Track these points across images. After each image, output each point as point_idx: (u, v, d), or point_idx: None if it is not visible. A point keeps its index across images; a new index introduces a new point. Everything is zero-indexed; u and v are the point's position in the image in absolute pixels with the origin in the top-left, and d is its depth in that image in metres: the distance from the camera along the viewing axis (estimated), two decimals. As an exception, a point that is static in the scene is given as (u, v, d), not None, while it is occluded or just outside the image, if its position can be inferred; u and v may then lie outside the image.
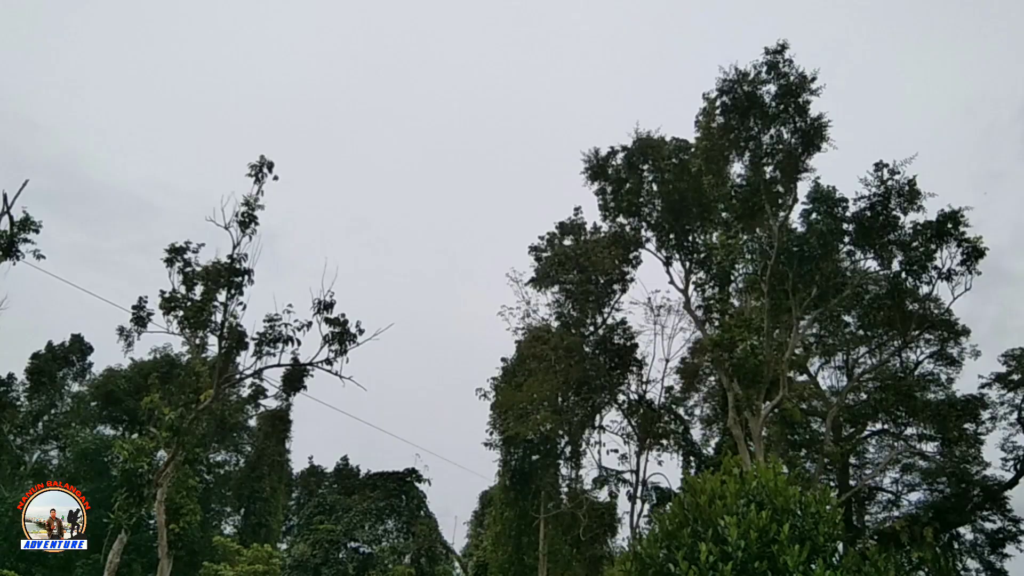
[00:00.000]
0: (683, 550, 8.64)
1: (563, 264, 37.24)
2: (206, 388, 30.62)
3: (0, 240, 27.57)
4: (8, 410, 52.10)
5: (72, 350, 55.99)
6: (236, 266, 27.98)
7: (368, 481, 41.21)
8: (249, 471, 51.15)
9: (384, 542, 39.46)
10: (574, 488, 37.80)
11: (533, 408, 35.01)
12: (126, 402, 48.22)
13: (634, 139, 33.79)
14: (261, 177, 27.75)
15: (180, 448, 29.03)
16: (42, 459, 56.59)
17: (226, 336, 28.66)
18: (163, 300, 30.68)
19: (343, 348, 27.98)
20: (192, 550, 40.93)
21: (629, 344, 38.35)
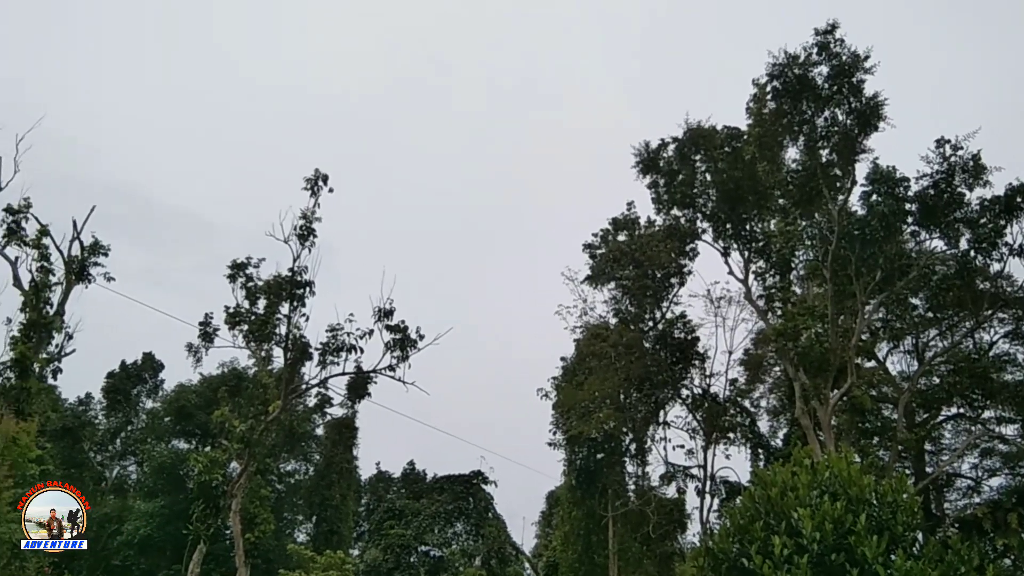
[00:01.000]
0: (756, 544, 8.52)
1: (618, 260, 37.04)
2: (274, 399, 31.28)
3: (72, 265, 28.69)
4: (88, 428, 54.02)
5: (144, 368, 57.79)
6: (297, 278, 28.56)
7: (435, 485, 41.56)
8: (319, 479, 52.05)
9: (454, 545, 39.74)
10: (641, 485, 37.54)
11: (595, 406, 34.86)
12: (197, 416, 49.50)
13: (684, 130, 33.48)
14: (317, 190, 28.30)
15: (252, 459, 29.73)
16: (121, 474, 58.57)
17: (291, 347, 29.27)
18: (228, 315, 31.51)
19: (404, 354, 28.33)
20: (267, 558, 41.84)
21: (690, 338, 37.95)
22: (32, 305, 27.01)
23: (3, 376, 26.59)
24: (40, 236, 27.92)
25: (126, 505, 51.06)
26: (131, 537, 46.85)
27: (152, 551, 46.94)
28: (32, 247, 27.78)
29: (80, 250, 28.79)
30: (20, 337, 26.64)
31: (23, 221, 27.72)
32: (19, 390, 26.03)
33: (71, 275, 28.47)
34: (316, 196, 28.41)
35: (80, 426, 52.04)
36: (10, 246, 27.50)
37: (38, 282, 27.58)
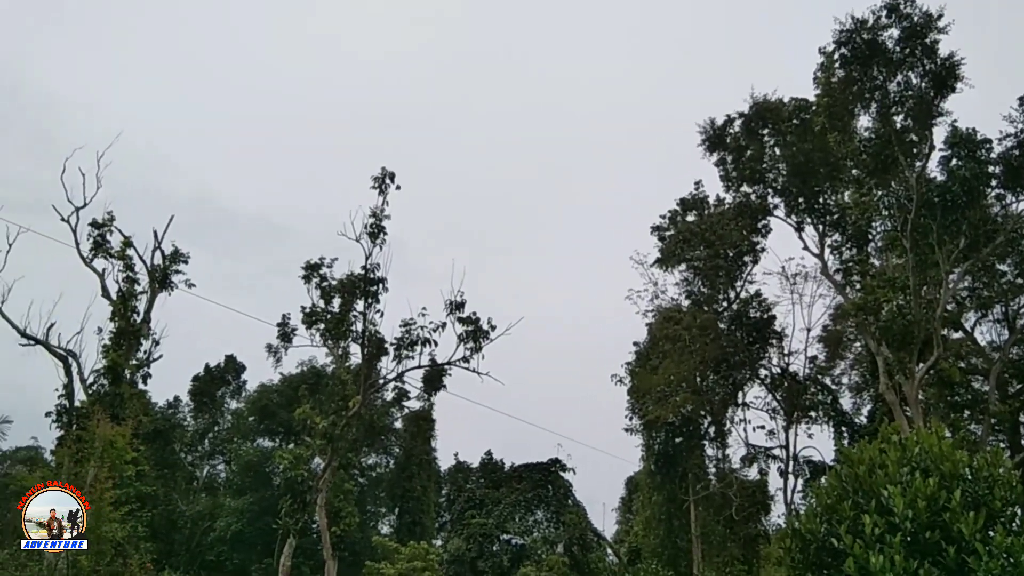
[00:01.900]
0: (846, 523, 8.30)
1: (688, 241, 36.53)
2: (353, 395, 31.89)
3: (155, 273, 29.75)
4: (177, 430, 56.11)
5: (227, 370, 59.67)
6: (370, 276, 29.04)
7: (513, 474, 41.79)
8: (399, 472, 52.97)
9: (535, 533, 39.93)
10: (722, 468, 37.04)
11: (671, 390, 34.52)
12: (280, 414, 50.87)
13: (750, 104, 32.81)
14: (384, 188, 28.71)
15: (334, 454, 30.39)
16: (211, 473, 60.73)
17: (367, 344, 29.78)
18: (305, 315, 32.28)
19: (477, 345, 28.57)
20: (354, 550, 42.78)
21: (766, 317, 37.20)
22: (120, 314, 28.08)
23: (98, 383, 27.75)
24: (124, 247, 28.96)
25: (217, 502, 52.92)
26: (223, 533, 48.54)
27: (243, 546, 48.55)
28: (117, 258, 28.84)
29: (162, 259, 29.80)
30: (111, 345, 27.75)
31: (107, 234, 28.78)
32: (113, 396, 27.17)
33: (155, 284, 29.49)
34: (384, 194, 28.85)
35: (170, 428, 54.05)
36: (97, 258, 28.60)
37: (125, 292, 28.64)
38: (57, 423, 27.26)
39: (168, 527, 47.33)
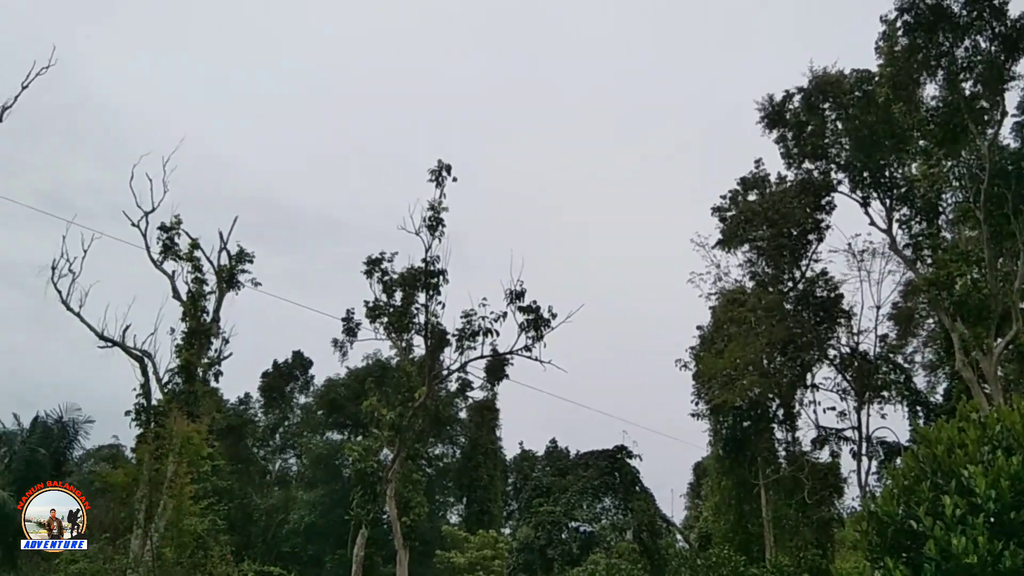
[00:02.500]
0: (924, 505, 8.05)
1: (750, 221, 35.85)
2: (418, 387, 32.30)
3: (222, 274, 30.54)
4: (249, 426, 57.67)
5: (295, 366, 61.06)
6: (431, 268, 29.32)
7: (579, 461, 41.72)
8: (466, 461, 53.51)
9: (603, 520, 39.86)
10: (792, 451, 36.37)
11: (738, 374, 34.00)
12: (347, 408, 51.79)
13: (810, 78, 32.03)
14: (441, 180, 28.93)
15: (402, 445, 30.83)
16: (283, 467, 62.28)
17: (430, 335, 30.09)
18: (368, 309, 32.79)
19: (539, 334, 28.62)
20: (424, 540, 43.38)
21: (833, 295, 36.30)
22: (191, 314, 28.92)
23: (172, 382, 28.66)
24: (192, 249, 29.81)
25: (290, 495, 54.23)
26: (297, 525, 49.76)
27: (317, 537, 49.69)
28: (186, 260, 29.69)
29: (228, 259, 30.56)
30: (183, 345, 28.62)
31: (176, 237, 29.62)
32: (187, 394, 28.03)
33: (222, 283, 30.27)
34: (441, 186, 29.09)
35: (242, 424, 55.57)
36: (167, 261, 29.48)
37: (194, 292, 29.48)
38: (136, 421, 28.22)
39: (244, 520, 48.71)
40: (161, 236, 29.34)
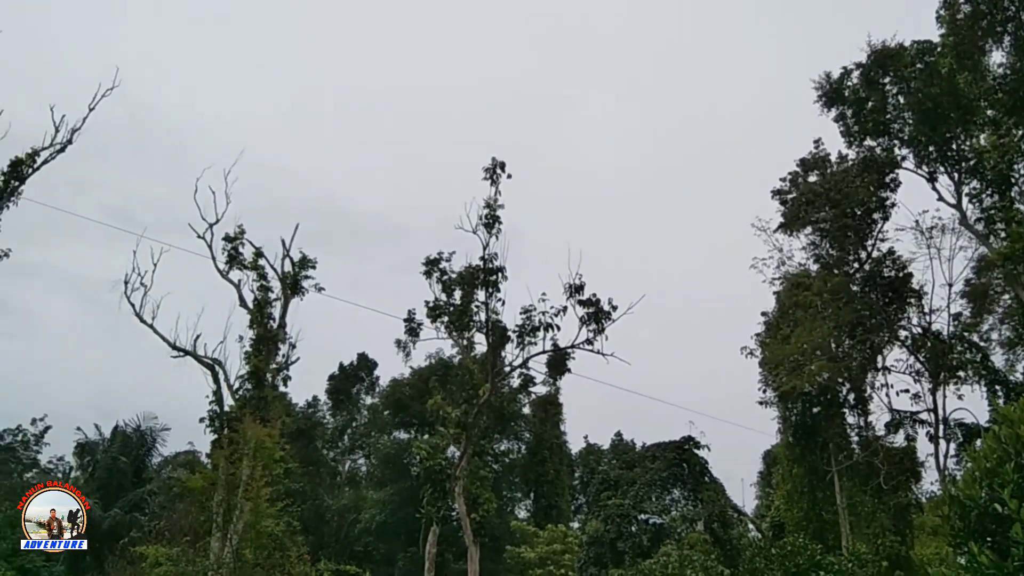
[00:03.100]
0: (1009, 487, 7.77)
1: (812, 203, 35.02)
2: (481, 384, 32.47)
3: (286, 280, 31.14)
4: (318, 428, 58.80)
5: (360, 367, 62.05)
6: (489, 266, 29.44)
7: (646, 453, 41.46)
8: (531, 457, 53.64)
9: (673, 511, 39.52)
10: (865, 436, 35.43)
11: (805, 359, 33.27)
12: (412, 407, 52.42)
13: (868, 53, 31.18)
14: (496, 178, 29.02)
15: (469, 442, 31.03)
16: (353, 467, 63.40)
17: (491, 332, 30.23)
18: (429, 309, 33.11)
19: (600, 327, 28.50)
20: (493, 536, 43.61)
21: (902, 275, 35.23)
22: (258, 321, 29.59)
23: (243, 388, 29.37)
24: (256, 258, 30.49)
25: (360, 495, 55.16)
26: (368, 524, 50.56)
27: (388, 536, 50.43)
28: (251, 269, 30.38)
29: (291, 266, 31.14)
30: (252, 352, 29.29)
31: (240, 246, 30.35)
32: (257, 399, 28.70)
33: (287, 290, 30.87)
34: (496, 184, 29.18)
35: (311, 426, 56.70)
36: (232, 270, 30.22)
37: (260, 300, 30.14)
38: (210, 427, 29.07)
39: (317, 521, 49.72)
40: (226, 246, 30.08)
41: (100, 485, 51.81)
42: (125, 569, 28.74)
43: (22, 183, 24.30)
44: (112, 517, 47.02)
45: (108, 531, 45.85)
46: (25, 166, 24.39)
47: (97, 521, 47.23)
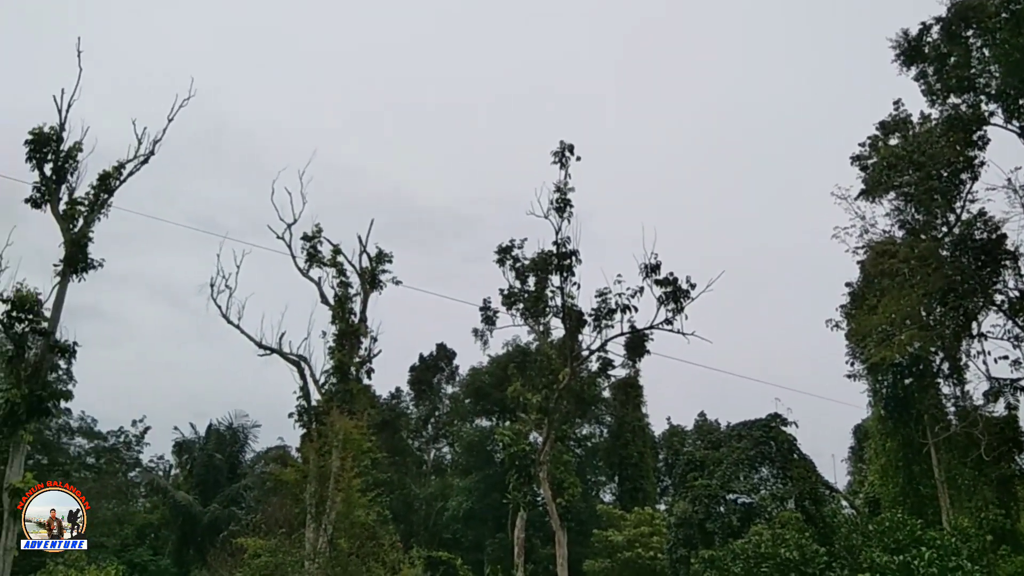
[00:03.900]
0: None
1: (895, 166, 33.65)
2: (559, 369, 32.46)
3: (364, 275, 31.72)
4: (402, 418, 59.85)
5: (439, 357, 62.84)
6: (562, 250, 29.35)
7: (732, 433, 40.65)
8: (614, 440, 53.43)
9: (762, 490, 38.72)
10: (962, 406, 34.07)
11: (894, 329, 32.12)
12: (493, 394, 52.73)
13: (948, 6, 29.73)
14: (565, 161, 28.87)
15: (551, 427, 31.08)
16: (437, 456, 64.35)
17: (568, 317, 30.17)
18: (504, 297, 33.26)
19: (679, 306, 28.10)
20: (579, 520, 43.66)
21: (995, 236, 33.59)
22: (340, 317, 30.28)
23: (328, 382, 30.09)
24: (334, 255, 31.19)
25: (446, 483, 55.95)
26: (456, 512, 51.24)
27: (476, 522, 51.00)
28: (330, 266, 31.10)
29: (368, 261, 31.74)
30: (335, 347, 30.01)
31: (318, 245, 31.10)
32: (343, 393, 29.38)
33: (365, 285, 31.47)
34: (565, 167, 29.03)
35: (396, 417, 57.73)
36: (312, 268, 30.98)
37: (340, 296, 30.84)
38: (299, 422, 29.91)
39: (405, 510, 50.66)
40: (305, 245, 30.84)
41: (198, 481, 53.99)
42: (226, 561, 29.84)
43: (111, 195, 25.25)
44: (211, 512, 48.93)
45: (208, 525, 47.77)
46: (112, 179, 25.33)
47: (197, 516, 49.30)
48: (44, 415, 24.46)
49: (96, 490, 51.55)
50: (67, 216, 24.49)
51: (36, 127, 24.66)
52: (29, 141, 24.57)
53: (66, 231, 24.30)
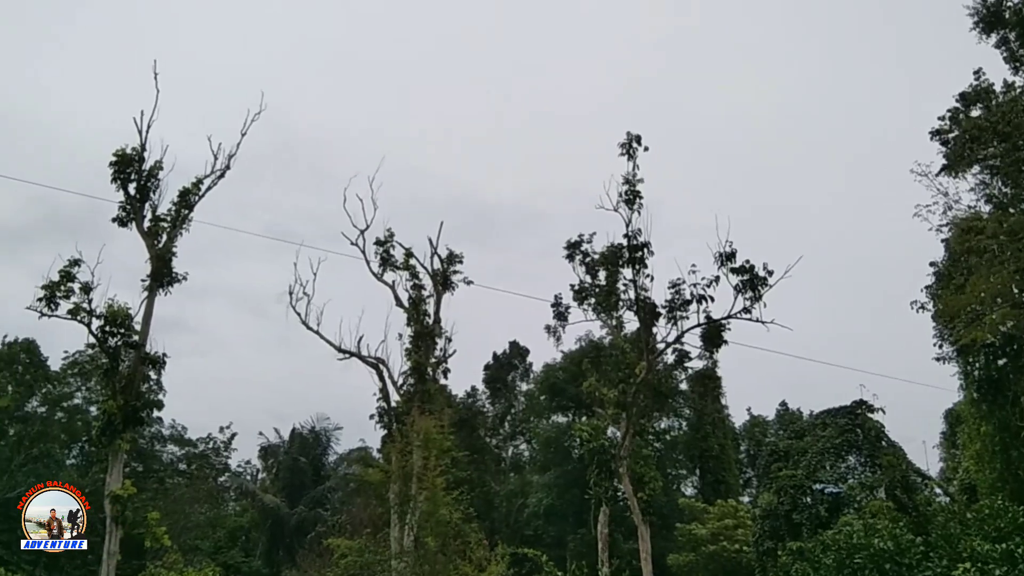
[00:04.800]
0: None
1: (977, 139, 32.21)
2: (634, 363, 32.17)
3: (437, 277, 32.06)
4: (479, 417, 60.27)
5: (513, 355, 63.09)
6: (633, 243, 29.09)
7: (816, 421, 39.75)
8: (693, 433, 52.78)
9: (850, 479, 37.72)
10: (1064, 385, 32.50)
11: (985, 308, 30.81)
12: (568, 390, 52.71)
13: (1030, -33, 28.36)
14: (632, 152, 28.59)
15: (629, 422, 30.86)
16: (515, 453, 64.59)
17: (643, 310, 29.89)
18: (575, 292, 33.17)
19: (757, 294, 27.52)
20: (661, 514, 43.22)
21: (1089, 207, 31.98)
22: (414, 319, 30.67)
23: (406, 383, 30.51)
24: (407, 259, 31.62)
25: (525, 480, 56.17)
26: (536, 508, 51.39)
27: (557, 518, 51.06)
28: (403, 269, 31.54)
29: (440, 263, 32.07)
30: (411, 348, 30.42)
31: (391, 249, 31.55)
32: (421, 393, 29.76)
33: (438, 286, 31.81)
34: (633, 158, 28.74)
35: (472, 416, 58.17)
36: (386, 272, 31.46)
37: (414, 298, 31.23)
38: (380, 423, 30.46)
39: (486, 507, 51.01)
40: (378, 250, 31.33)
41: (284, 484, 55.47)
42: (315, 562, 30.58)
43: (191, 211, 26.12)
44: (298, 514, 50.21)
45: (296, 527, 49.05)
46: (192, 195, 26.20)
47: (285, 518, 50.67)
48: (138, 424, 25.40)
49: (189, 495, 53.60)
50: (151, 233, 25.43)
51: (119, 149, 25.64)
52: (113, 163, 25.56)
53: (151, 247, 25.24)
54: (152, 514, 24.18)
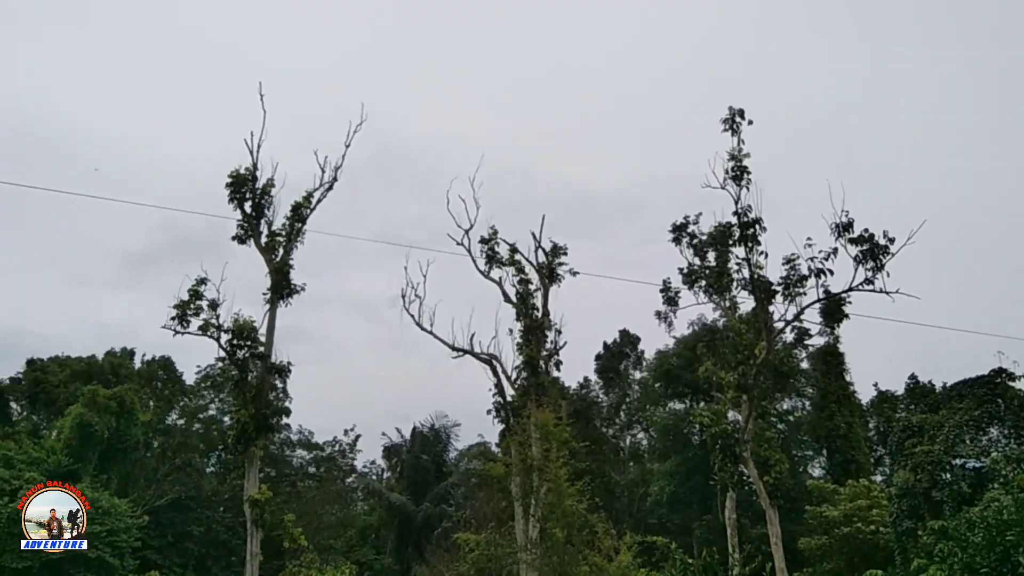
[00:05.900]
0: None
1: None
2: (750, 344, 31.29)
3: (542, 270, 32.17)
4: (593, 407, 60.06)
5: (624, 344, 62.52)
6: (744, 220, 28.33)
7: (951, 393, 37.64)
8: (818, 412, 50.89)
9: (993, 452, 35.55)
10: None
11: None
12: (683, 376, 51.81)
13: None
14: (736, 127, 27.86)
15: (750, 404, 30.10)
16: (633, 443, 64.07)
17: (758, 288, 29.09)
18: (683, 276, 32.54)
19: (878, 263, 26.28)
20: (789, 497, 41.86)
21: None
22: (523, 313, 30.92)
23: (520, 377, 30.75)
24: (512, 254, 31.86)
25: (645, 469, 55.66)
26: (659, 497, 50.82)
27: (680, 506, 50.34)
28: (508, 265, 31.79)
29: (544, 256, 32.18)
30: (523, 342, 30.67)
31: (495, 246, 31.85)
32: (535, 386, 29.96)
33: (544, 279, 31.97)
34: (737, 133, 27.98)
35: (587, 407, 58.00)
36: (493, 269, 31.78)
37: (521, 293, 31.48)
38: (497, 418, 30.86)
39: (608, 497, 50.78)
40: (483, 248, 31.69)
41: (409, 483, 56.93)
42: (443, 556, 31.22)
43: (304, 224, 27.15)
44: (424, 510, 51.43)
45: (422, 523, 50.26)
46: (304, 208, 27.22)
47: (411, 515, 51.99)
48: (269, 431, 26.65)
49: (320, 496, 55.83)
50: (269, 248, 26.61)
51: (233, 170, 26.96)
52: (229, 184, 26.88)
53: (269, 262, 26.40)
54: (288, 516, 25.33)
